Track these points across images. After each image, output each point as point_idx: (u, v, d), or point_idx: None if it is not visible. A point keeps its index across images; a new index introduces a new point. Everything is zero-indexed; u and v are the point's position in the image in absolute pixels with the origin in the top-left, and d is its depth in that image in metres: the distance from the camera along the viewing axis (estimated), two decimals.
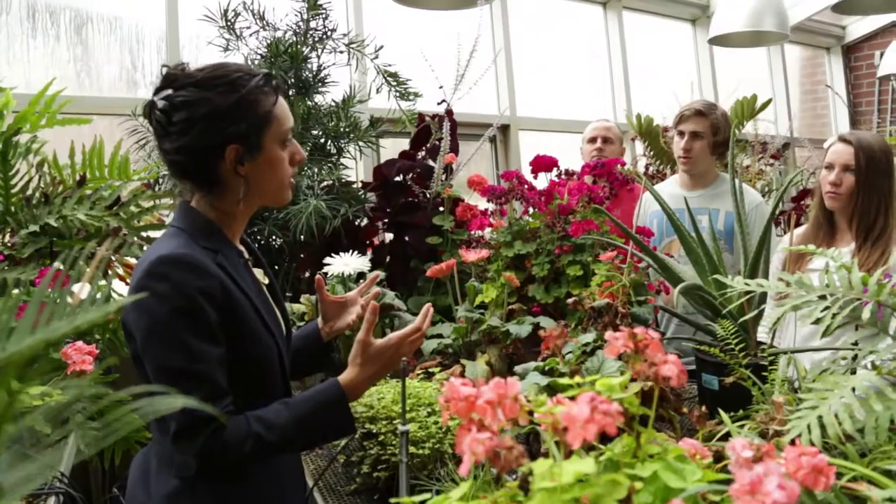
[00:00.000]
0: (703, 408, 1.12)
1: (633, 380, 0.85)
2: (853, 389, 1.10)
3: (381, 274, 1.89)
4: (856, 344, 1.33)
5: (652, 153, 3.47)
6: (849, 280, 1.29)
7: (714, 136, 2.31)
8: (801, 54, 5.50)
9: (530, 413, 0.75)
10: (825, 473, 0.76)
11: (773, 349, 1.54)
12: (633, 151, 3.93)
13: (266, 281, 1.28)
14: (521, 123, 3.85)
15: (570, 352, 1.41)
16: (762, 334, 1.77)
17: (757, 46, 3.68)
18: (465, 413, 0.74)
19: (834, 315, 1.25)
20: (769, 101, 3.44)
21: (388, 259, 2.42)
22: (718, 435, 1.23)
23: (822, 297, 1.30)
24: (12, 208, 1.92)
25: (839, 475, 0.96)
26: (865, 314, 1.22)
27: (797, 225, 2.42)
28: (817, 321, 1.26)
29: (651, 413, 0.81)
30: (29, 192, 1.98)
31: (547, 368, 1.34)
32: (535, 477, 0.65)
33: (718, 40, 3.44)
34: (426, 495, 0.71)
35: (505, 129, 3.78)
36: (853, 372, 1.28)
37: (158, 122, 1.12)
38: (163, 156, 1.16)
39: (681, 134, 2.34)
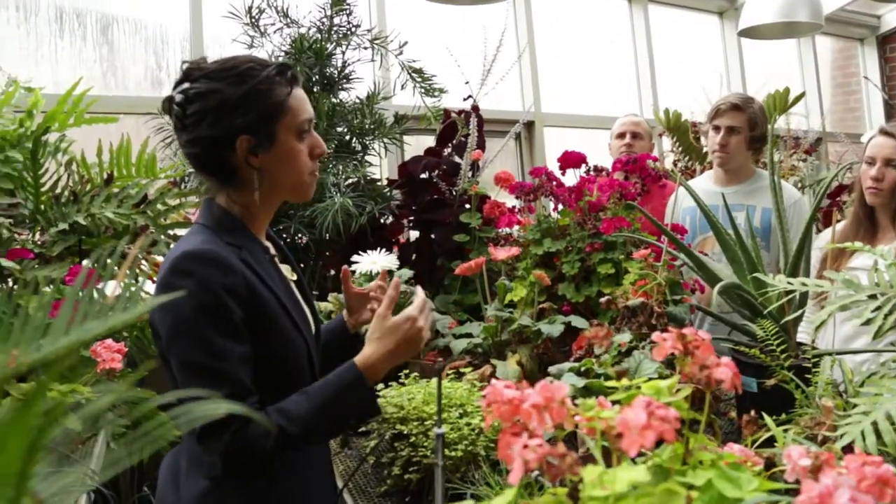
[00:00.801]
0: (753, 412, 1.07)
1: (682, 383, 0.81)
2: None
3: (408, 274, 1.87)
4: None
5: (681, 149, 3.40)
6: (877, 278, 1.24)
7: (751, 131, 2.25)
8: (833, 46, 5.37)
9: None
10: (892, 485, 0.71)
11: (817, 350, 1.49)
12: (660, 147, 3.86)
13: (294, 277, 1.26)
14: (546, 120, 3.80)
15: (604, 352, 1.38)
16: (802, 335, 1.71)
17: (789, 38, 3.59)
18: (508, 417, 0.71)
19: (886, 315, 1.20)
20: (802, 95, 3.36)
21: (414, 257, 2.39)
22: (761, 440, 1.19)
23: (872, 297, 1.25)
24: (42, 207, 1.93)
25: None
26: None
27: (827, 222, 2.35)
28: (868, 322, 1.21)
29: (703, 418, 0.78)
30: (58, 190, 1.98)
31: (583, 369, 1.30)
32: (584, 484, 0.62)
33: (748, 32, 3.36)
34: (469, 503, 0.68)
35: (530, 125, 3.73)
36: None
37: (176, 116, 1.12)
38: (182, 149, 1.16)
39: (716, 129, 2.28)
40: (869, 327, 1.22)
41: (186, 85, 1.11)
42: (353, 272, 1.81)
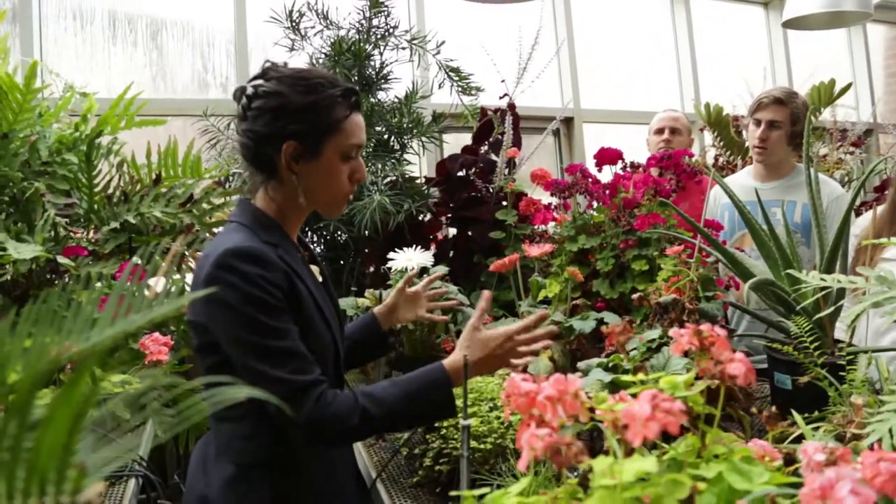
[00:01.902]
0: (774, 408, 1.08)
1: (698, 377, 0.83)
2: None
3: (443, 271, 1.91)
4: None
5: (722, 143, 3.35)
6: None
7: (793, 126, 2.21)
8: (886, 34, 5.19)
9: (591, 410, 0.74)
10: None
11: (852, 348, 1.47)
12: (701, 142, 3.81)
13: (320, 278, 1.32)
14: (584, 116, 3.79)
15: (634, 348, 1.39)
16: (840, 331, 1.69)
17: (836, 28, 3.49)
18: (525, 409, 0.74)
19: None
20: (849, 86, 3.26)
21: (451, 254, 2.43)
22: (791, 437, 1.18)
23: None
24: (95, 206, 2.03)
25: None
26: None
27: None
28: None
29: (716, 412, 0.79)
30: (110, 190, 2.08)
31: (610, 365, 1.32)
32: (594, 474, 0.65)
33: (793, 23, 3.28)
34: (486, 489, 0.71)
35: (569, 121, 3.73)
36: None
37: (242, 106, 1.19)
38: (238, 137, 1.22)
39: (757, 122, 2.25)
40: None
41: (260, 81, 1.18)
42: (390, 269, 1.86)
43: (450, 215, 2.43)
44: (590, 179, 2.09)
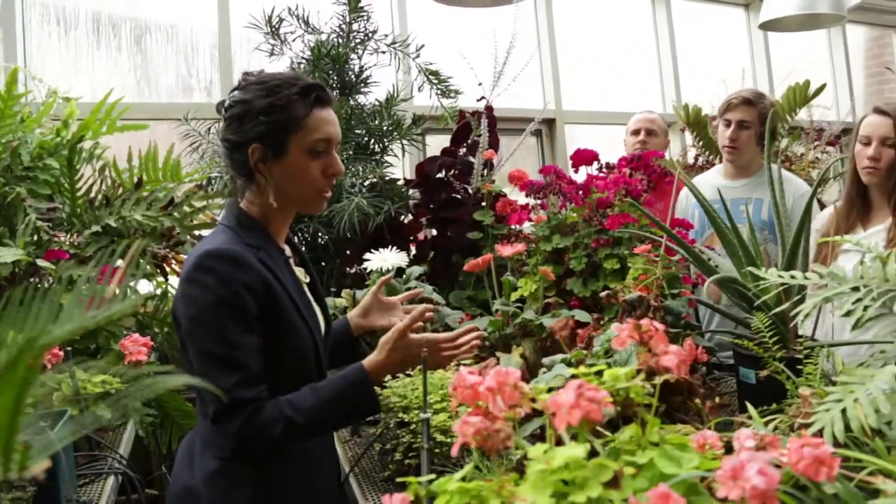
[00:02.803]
0: (717, 399, 1.12)
1: (640, 370, 0.87)
2: (881, 383, 1.09)
3: (419, 271, 1.95)
4: None
5: (701, 143, 3.41)
6: (883, 271, 1.27)
7: (762, 126, 2.26)
8: (867, 35, 5.26)
9: (533, 400, 0.78)
10: (827, 464, 0.77)
11: (810, 342, 1.52)
12: (682, 142, 3.87)
13: (307, 279, 1.36)
14: (567, 117, 3.84)
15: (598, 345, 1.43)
16: (809, 327, 1.74)
17: (811, 29, 3.56)
18: (471, 400, 0.78)
19: (866, 307, 1.23)
20: (823, 87, 3.32)
21: (431, 254, 2.47)
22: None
23: (855, 289, 1.28)
24: (78, 210, 2.06)
25: (859, 468, 0.95)
26: None
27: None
28: (848, 313, 1.24)
29: (654, 402, 0.84)
30: (92, 194, 2.11)
31: (574, 360, 1.36)
32: (529, 460, 0.69)
33: (770, 25, 3.34)
34: (429, 477, 0.75)
35: (551, 123, 3.77)
36: None
37: (222, 118, 1.26)
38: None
39: (727, 123, 2.30)
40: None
41: (235, 92, 1.24)
42: (366, 269, 1.90)
43: (429, 216, 2.47)
44: (564, 180, 2.13)
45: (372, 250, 1.91)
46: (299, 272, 1.33)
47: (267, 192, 1.23)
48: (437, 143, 2.90)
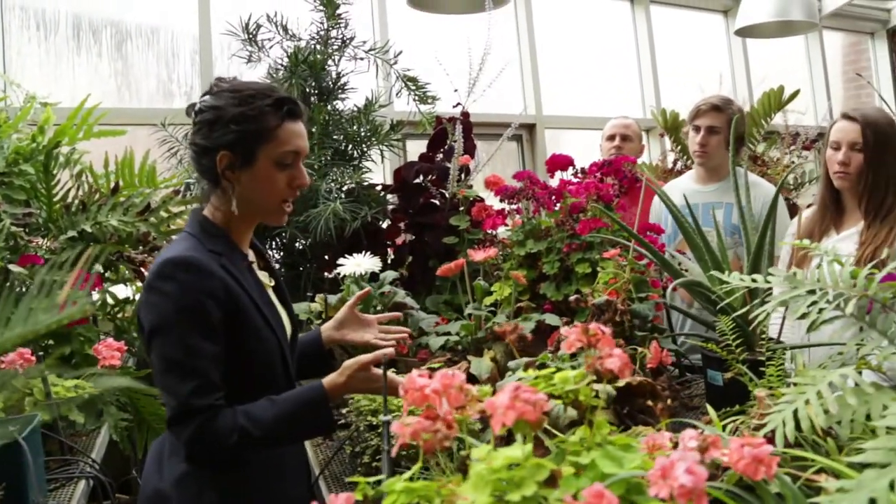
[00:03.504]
0: (669, 401, 1.15)
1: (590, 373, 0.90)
2: (830, 384, 1.12)
3: (393, 276, 1.96)
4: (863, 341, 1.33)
5: (679, 148, 3.45)
6: (837, 275, 1.30)
7: (730, 131, 2.30)
8: (844, 41, 5.34)
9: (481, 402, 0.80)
10: (766, 463, 0.79)
11: (772, 345, 1.54)
12: (662, 147, 3.91)
13: (272, 283, 1.37)
14: (547, 122, 3.88)
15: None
16: (781, 329, 1.77)
17: (786, 36, 3.62)
18: (420, 402, 0.80)
19: (820, 310, 1.26)
20: (797, 92, 3.38)
21: (409, 259, 2.49)
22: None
23: (811, 292, 1.31)
24: (54, 215, 2.07)
25: (806, 467, 0.98)
26: (849, 309, 1.23)
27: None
28: (803, 316, 1.27)
29: (600, 403, 0.86)
30: (69, 200, 2.12)
31: (538, 364, 1.38)
32: (471, 460, 0.71)
33: (746, 31, 3.39)
34: (382, 476, 0.77)
35: (531, 128, 3.81)
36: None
37: (192, 121, 1.27)
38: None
39: (696, 129, 2.34)
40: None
41: (206, 97, 1.26)
42: (341, 275, 1.91)
43: (407, 221, 2.49)
44: (538, 185, 2.16)
45: (346, 255, 1.93)
46: (264, 276, 1.34)
47: (231, 200, 1.25)
48: (418, 149, 2.93)
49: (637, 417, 1.37)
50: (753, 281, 1.40)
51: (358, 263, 1.85)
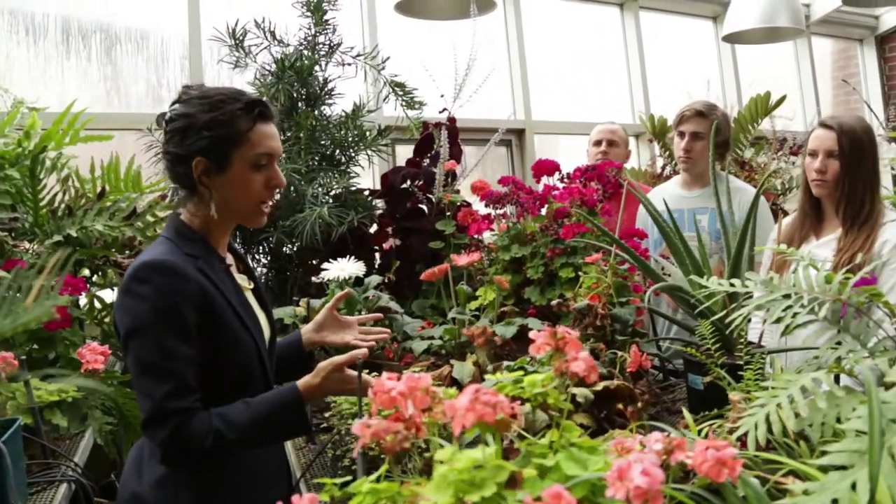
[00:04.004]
0: (640, 405, 1.16)
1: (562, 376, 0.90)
2: (802, 388, 1.13)
3: (372, 282, 1.97)
4: (839, 344, 1.34)
5: (667, 153, 3.47)
6: (812, 279, 1.31)
7: (715, 137, 2.32)
8: (833, 47, 5.38)
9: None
10: (729, 466, 0.80)
11: (750, 349, 1.56)
12: (652, 152, 3.93)
13: (251, 286, 1.38)
14: (536, 127, 3.89)
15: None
16: (752, 332, 1.78)
17: (772, 42, 3.65)
18: (388, 405, 0.81)
19: (794, 314, 1.28)
20: (783, 98, 3.40)
21: (396, 263, 2.50)
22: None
23: (787, 297, 1.33)
24: (40, 220, 2.08)
25: (777, 470, 1.00)
26: (822, 313, 1.25)
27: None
28: (778, 320, 1.28)
29: (567, 406, 0.87)
30: (55, 204, 2.13)
31: (517, 367, 1.39)
32: (435, 462, 0.72)
33: (733, 37, 3.42)
34: (349, 478, 0.78)
35: (521, 133, 3.82)
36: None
37: (163, 130, 1.28)
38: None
39: (681, 134, 2.36)
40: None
41: (176, 105, 1.26)
42: (326, 280, 1.92)
43: (394, 226, 2.50)
44: (523, 191, 2.17)
45: (332, 260, 1.94)
46: (242, 279, 1.35)
47: (209, 205, 1.26)
48: (407, 154, 2.94)
49: (615, 421, 1.38)
50: (731, 285, 1.41)
51: (342, 268, 1.86)
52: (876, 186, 1.94)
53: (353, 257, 1.94)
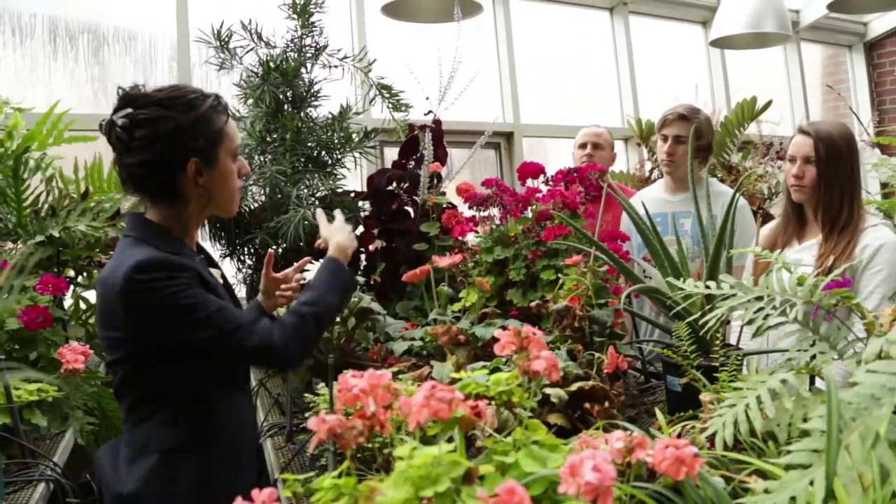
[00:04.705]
0: (607, 404, 1.17)
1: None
2: (771, 390, 1.14)
3: (309, 259, 1.98)
4: (814, 345, 1.35)
5: (654, 157, 3.49)
6: (783, 282, 1.33)
7: (697, 140, 2.33)
8: (822, 53, 5.41)
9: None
10: (688, 464, 0.81)
11: (726, 351, 1.57)
12: (640, 155, 3.95)
13: (221, 280, 1.41)
14: (525, 130, 3.91)
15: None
16: (737, 335, 1.80)
17: (760, 48, 3.68)
18: (352, 402, 0.82)
19: (766, 316, 1.29)
20: (769, 103, 3.43)
21: (382, 265, 2.50)
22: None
23: (759, 298, 1.34)
24: (23, 220, 2.08)
25: (742, 470, 1.01)
26: (792, 315, 1.26)
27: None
28: (750, 322, 1.30)
29: (530, 403, 0.88)
30: (39, 205, 2.13)
31: (493, 368, 1.40)
32: (394, 457, 0.73)
33: (720, 42, 3.44)
34: (312, 473, 0.79)
35: (509, 136, 3.84)
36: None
37: (119, 139, 1.21)
38: (122, 170, 1.26)
39: (664, 138, 2.38)
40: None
41: (130, 111, 1.21)
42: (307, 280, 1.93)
43: (379, 228, 2.50)
44: (507, 193, 2.18)
45: (313, 261, 1.94)
46: (215, 273, 1.38)
47: (195, 203, 1.27)
48: (395, 156, 2.95)
49: (589, 421, 1.39)
50: (707, 287, 1.43)
51: None
52: (854, 192, 1.94)
53: None
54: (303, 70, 2.39)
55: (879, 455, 0.77)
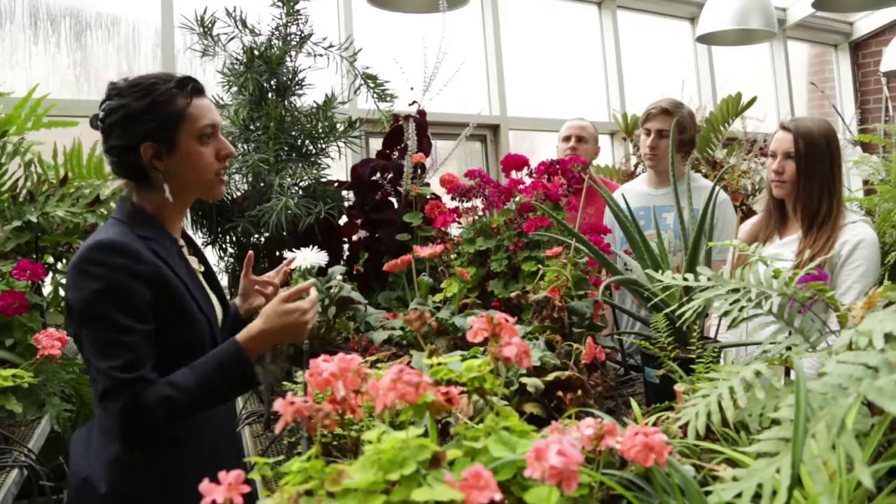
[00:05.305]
0: (580, 392, 1.17)
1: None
2: (743, 380, 1.15)
3: (336, 272, 1.98)
4: (788, 336, 1.36)
5: (639, 151, 3.50)
6: (759, 275, 1.34)
7: (680, 135, 2.35)
8: (809, 51, 5.45)
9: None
10: (657, 451, 0.82)
11: (703, 343, 1.58)
12: (626, 149, 3.96)
13: (202, 268, 1.39)
14: (511, 123, 3.91)
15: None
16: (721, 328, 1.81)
17: (745, 45, 3.69)
18: (322, 386, 0.82)
19: (741, 308, 1.30)
20: (754, 99, 3.45)
21: (365, 255, 2.50)
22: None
23: (735, 290, 1.35)
24: (1, 205, 2.05)
25: (714, 458, 1.02)
26: (767, 307, 1.27)
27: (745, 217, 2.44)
28: (725, 314, 1.31)
29: (501, 390, 0.88)
30: (17, 190, 2.11)
31: (469, 356, 1.40)
32: (363, 442, 0.73)
33: (707, 38, 3.46)
34: (282, 457, 0.79)
35: (496, 128, 3.84)
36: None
37: (99, 129, 1.28)
38: (104, 156, 1.31)
39: (647, 132, 2.39)
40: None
41: (108, 102, 1.27)
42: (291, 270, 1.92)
43: (362, 218, 2.50)
44: (490, 184, 2.18)
45: (293, 250, 1.94)
46: (193, 261, 1.37)
47: (162, 188, 1.26)
48: (380, 146, 2.93)
49: (564, 411, 1.40)
50: (684, 279, 1.44)
51: (304, 257, 1.86)
52: (834, 189, 1.96)
53: (319, 248, 1.94)
54: (287, 58, 2.37)
55: (844, 443, 0.77)
